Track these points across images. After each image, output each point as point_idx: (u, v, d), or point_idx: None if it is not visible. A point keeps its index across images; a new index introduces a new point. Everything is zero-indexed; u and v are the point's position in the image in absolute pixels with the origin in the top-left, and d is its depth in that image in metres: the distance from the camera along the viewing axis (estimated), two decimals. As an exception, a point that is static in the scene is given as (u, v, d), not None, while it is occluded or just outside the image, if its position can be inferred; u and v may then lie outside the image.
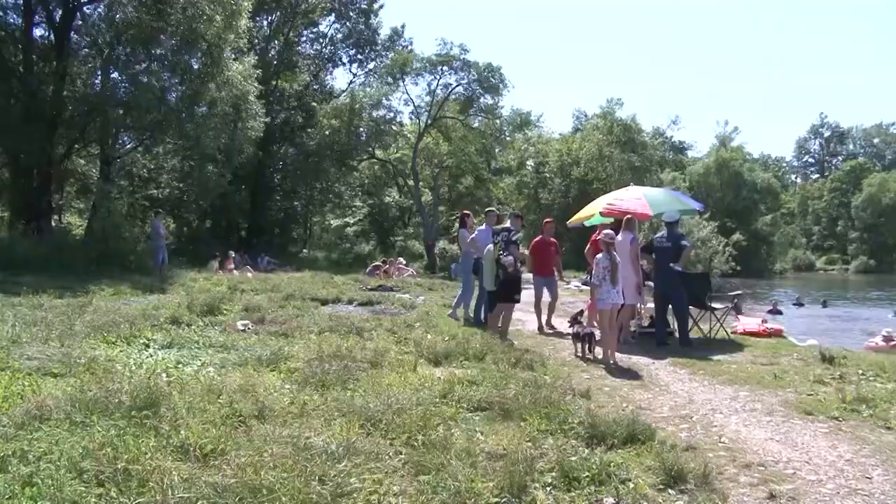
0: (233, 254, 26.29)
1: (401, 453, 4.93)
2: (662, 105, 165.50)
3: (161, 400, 5.56)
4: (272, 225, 38.69)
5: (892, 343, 16.09)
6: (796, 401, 7.58)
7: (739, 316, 16.30)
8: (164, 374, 6.73)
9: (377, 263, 28.67)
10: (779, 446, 5.94)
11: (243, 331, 10.31)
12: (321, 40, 40.09)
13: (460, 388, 6.87)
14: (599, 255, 10.18)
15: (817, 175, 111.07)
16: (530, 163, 54.48)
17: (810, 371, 9.20)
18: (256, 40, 34.26)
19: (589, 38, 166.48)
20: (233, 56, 24.94)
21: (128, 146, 27.95)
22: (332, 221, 48.16)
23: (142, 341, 8.96)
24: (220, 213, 34.16)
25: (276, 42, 37.34)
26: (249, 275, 22.91)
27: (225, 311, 12.11)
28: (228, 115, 25.39)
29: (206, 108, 24.09)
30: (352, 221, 47.13)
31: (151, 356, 8.08)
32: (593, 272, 10.50)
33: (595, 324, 10.74)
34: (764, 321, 15.63)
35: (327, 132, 36.62)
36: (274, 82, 36.06)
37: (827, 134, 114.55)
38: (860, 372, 9.16)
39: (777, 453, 5.75)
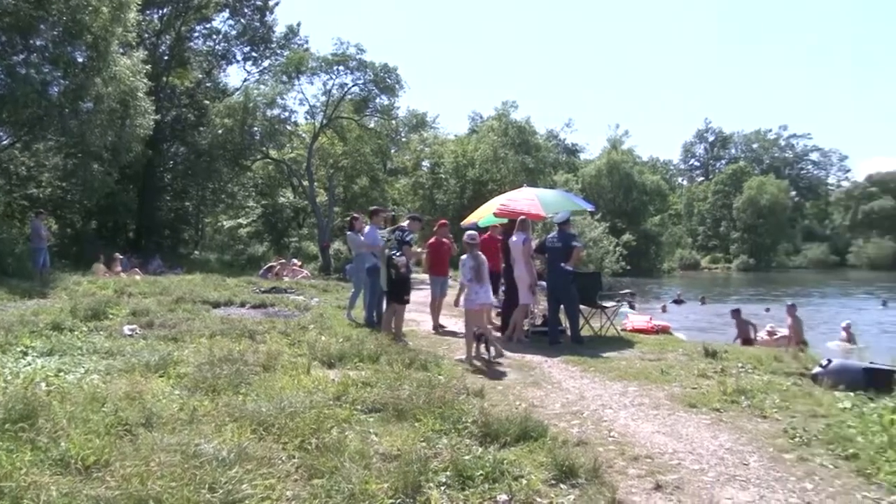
0: (120, 256, 25.33)
1: (294, 457, 4.86)
2: (556, 108, 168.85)
3: (39, 411, 5.27)
4: (162, 226, 37.53)
5: (776, 337, 16.88)
6: (681, 394, 7.87)
7: (629, 313, 16.80)
8: (43, 384, 6.42)
9: (271, 264, 28.19)
10: (665, 438, 6.14)
11: (130, 336, 9.96)
12: (214, 37, 39.11)
13: (354, 389, 6.83)
14: (464, 256, 10.30)
15: (702, 178, 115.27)
16: (426, 164, 54.72)
17: (694, 365, 9.56)
18: (146, 35, 33.13)
19: (485, 41, 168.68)
20: (121, 50, 24.00)
21: (4, 142, 26.52)
22: (224, 222, 47.12)
23: (19, 349, 8.45)
24: (106, 213, 32.86)
25: (167, 37, 36.18)
26: (138, 277, 22.15)
27: (111, 316, 11.66)
28: (116, 111, 24.35)
29: (91, 103, 23.03)
30: (245, 222, 46.21)
31: (30, 364, 7.64)
32: (460, 273, 10.61)
33: (491, 323, 10.87)
34: (651, 318, 16.13)
35: (220, 131, 35.71)
36: (165, 79, 34.96)
37: (711, 139, 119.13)
38: (740, 365, 9.58)
39: (663, 445, 5.94)
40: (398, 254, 10.75)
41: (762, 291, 46.92)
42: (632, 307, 16.31)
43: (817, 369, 9.20)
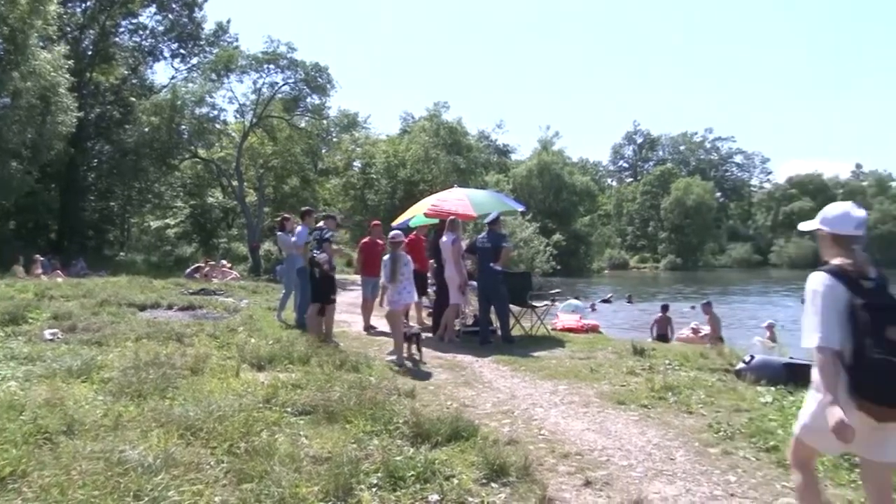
0: (40, 257, 24.54)
1: (222, 462, 4.77)
2: (488, 109, 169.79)
3: (-50, 421, 5.08)
4: (86, 226, 36.55)
5: (701, 335, 17.27)
6: (611, 392, 8.00)
7: (559, 313, 17.00)
8: (-45, 393, 6.19)
9: (197, 265, 27.66)
10: (594, 435, 6.23)
11: (51, 340, 9.63)
12: (141, 32, 38.28)
13: (284, 392, 6.76)
14: (386, 257, 10.32)
15: (631, 179, 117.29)
16: (357, 164, 54.37)
17: (623, 363, 9.71)
18: (68, 28, 32.25)
19: (417, 42, 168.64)
20: (41, 44, 23.30)
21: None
22: (151, 223, 46.04)
23: (-71, 357, 8.15)
24: (26, 213, 31.86)
25: (91, 32, 35.26)
26: (60, 280, 21.46)
27: (31, 320, 11.26)
28: (35, 107, 23.63)
29: (8, 99, 22.35)
30: (173, 223, 45.21)
31: (-58, 373, 7.38)
32: (382, 272, 10.61)
33: (422, 323, 10.86)
34: (581, 317, 16.35)
35: (146, 129, 34.88)
36: (88, 75, 34.06)
37: (639, 141, 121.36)
38: (667, 362, 9.78)
39: (593, 442, 6.03)
40: (319, 252, 10.69)
41: (688, 290, 48.03)
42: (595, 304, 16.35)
43: (741, 365, 9.46)
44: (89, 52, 34.83)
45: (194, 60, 39.61)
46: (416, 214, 13.99)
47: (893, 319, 3.39)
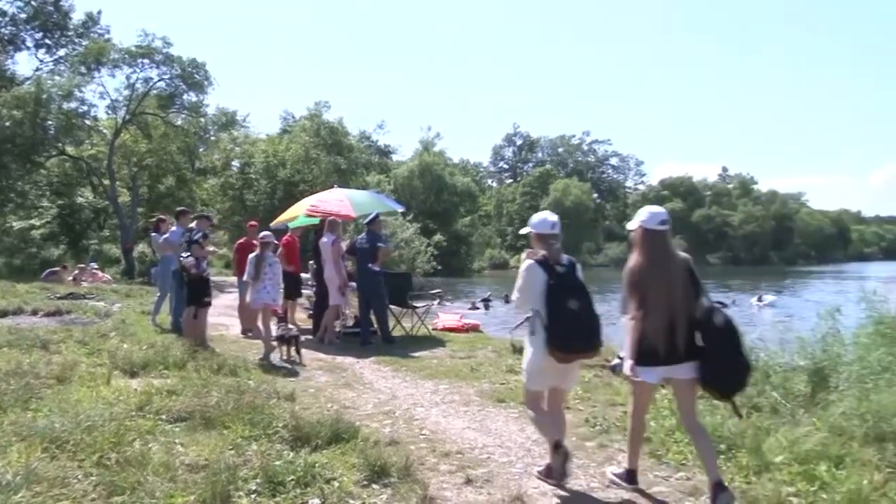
0: None
1: (91, 475, 4.57)
2: (369, 109, 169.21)
3: None
4: (-62, 228, 34.30)
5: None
6: (490, 390, 8.13)
7: (439, 313, 17.12)
8: None
9: (53, 269, 26.26)
10: (475, 434, 6.32)
11: None
12: (0, 19, 36.15)
13: (159, 398, 6.55)
14: (252, 255, 10.22)
15: (511, 180, 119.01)
16: (236, 163, 53.07)
17: (503, 362, 9.88)
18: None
19: (297, 40, 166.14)
20: None
21: None
22: (14, 224, 43.55)
23: None
24: None
25: (-59, 16, 33.10)
26: None
27: None
28: None
29: None
30: (38, 224, 42.90)
31: None
32: (246, 271, 10.50)
33: (296, 325, 10.77)
34: (462, 317, 16.51)
35: (8, 124, 32.88)
36: (-62, 63, 31.94)
37: (519, 142, 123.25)
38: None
39: (473, 440, 6.12)
40: (186, 255, 10.45)
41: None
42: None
43: (616, 361, 9.74)
44: (-59, 40, 32.70)
45: (61, 52, 37.60)
46: (296, 215, 13.83)
47: (572, 294, 4.94)
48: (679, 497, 4.87)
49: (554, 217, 5.33)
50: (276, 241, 10.47)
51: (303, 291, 14.97)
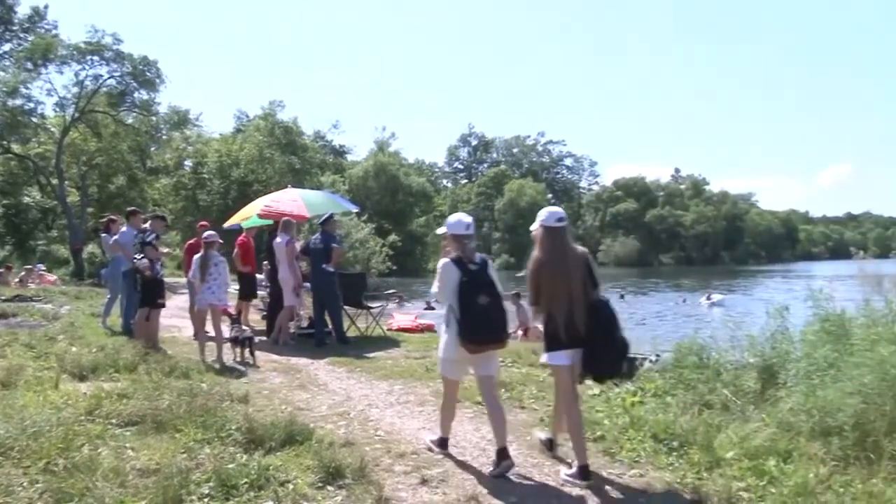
0: None
1: (38, 482, 4.47)
2: (324, 109, 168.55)
3: None
4: None
5: (535, 335, 17.72)
6: (446, 390, 8.13)
7: (394, 313, 17.09)
8: None
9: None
10: (430, 434, 6.31)
11: None
12: (-62, 12, 35.19)
13: (109, 402, 6.42)
14: (196, 256, 10.14)
15: (466, 180, 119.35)
16: (188, 163, 52.36)
17: (457, 362, 9.87)
18: None
19: (251, 38, 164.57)
20: None
21: None
22: (-44, 224, 42.62)
23: None
24: None
25: None
26: None
27: None
28: None
29: None
30: (-18, 224, 42.03)
31: None
32: (190, 270, 10.41)
33: (249, 325, 10.68)
34: (417, 317, 16.50)
35: (-51, 120, 32.19)
36: None
37: (474, 143, 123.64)
38: (500, 359, 10.02)
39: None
40: (140, 257, 10.31)
41: (521, 288, 49.49)
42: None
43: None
44: None
45: (6, 47, 36.67)
46: (250, 215, 13.70)
47: (483, 291, 5.31)
48: (633, 494, 4.92)
49: (468, 219, 5.67)
50: (220, 241, 10.31)
51: (257, 292, 14.83)
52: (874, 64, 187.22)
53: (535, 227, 5.47)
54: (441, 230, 5.72)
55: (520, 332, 18.03)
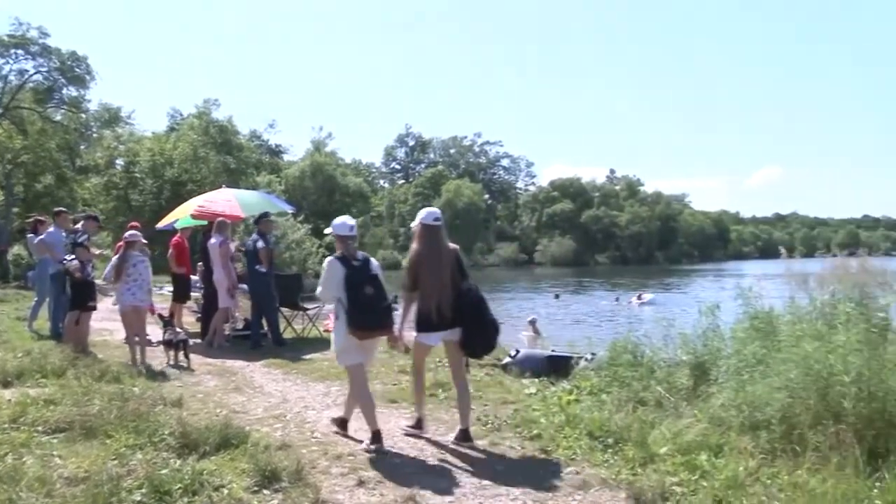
0: None
1: (-42, 493, 4.32)
2: (260, 108, 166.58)
3: None
4: None
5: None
6: (383, 391, 8.13)
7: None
8: None
9: None
10: (367, 435, 6.28)
11: None
12: None
13: (35, 409, 6.24)
14: (114, 256, 9.98)
15: (403, 180, 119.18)
16: (120, 162, 51.25)
17: (394, 362, 9.87)
18: None
19: (185, 35, 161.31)
20: None
21: None
22: None
23: None
24: None
25: None
26: None
27: None
28: None
29: None
30: None
31: None
32: (106, 270, 10.20)
33: (182, 328, 10.51)
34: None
35: None
36: None
37: (411, 143, 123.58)
38: (437, 360, 10.04)
39: (366, 441, 6.08)
40: (71, 258, 10.06)
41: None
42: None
43: (507, 360, 9.94)
44: None
45: (-78, 39, 35.41)
46: (183, 216, 13.47)
47: (368, 283, 5.88)
48: (569, 491, 4.97)
49: (352, 221, 6.29)
50: (142, 241, 10.09)
51: (192, 294, 14.58)
52: (804, 68, 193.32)
53: (415, 224, 6.24)
54: (328, 230, 6.27)
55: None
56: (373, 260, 6.24)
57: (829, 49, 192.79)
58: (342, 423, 6.41)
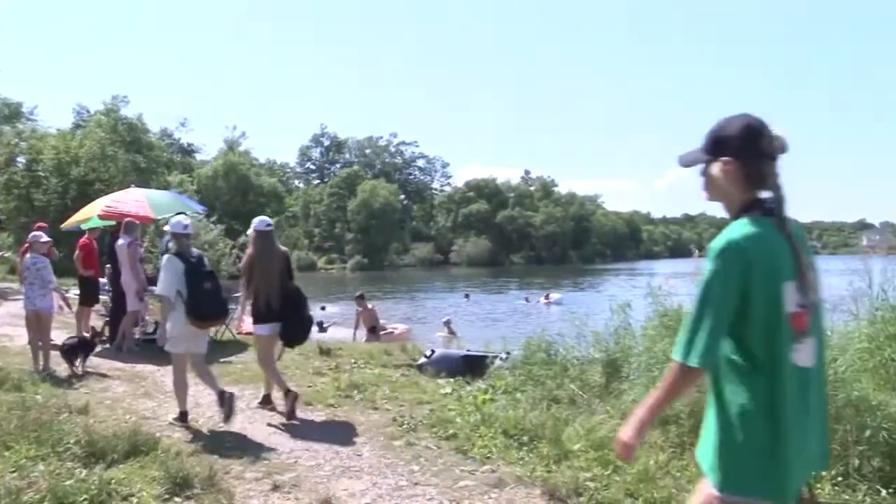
0: None
1: None
2: (171, 106, 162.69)
3: None
4: None
5: (384, 332, 17.80)
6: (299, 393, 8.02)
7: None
8: None
9: None
10: (282, 438, 6.26)
11: None
12: None
13: (-73, 420, 5.95)
14: (27, 256, 9.66)
15: (318, 181, 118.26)
16: (21, 160, 49.32)
17: (310, 364, 9.81)
18: None
19: (92, 28, 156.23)
20: None
21: None
22: None
23: None
24: None
25: None
26: None
27: None
28: None
29: None
30: None
31: None
32: (23, 274, 9.85)
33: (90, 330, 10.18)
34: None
35: None
36: None
37: (327, 143, 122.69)
38: (353, 361, 10.02)
39: (280, 445, 6.07)
40: None
41: (374, 289, 49.55)
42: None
43: (422, 360, 9.97)
44: None
45: None
46: (90, 216, 13.04)
47: (206, 278, 6.66)
48: (485, 489, 5.01)
49: (187, 220, 7.01)
50: (41, 241, 9.72)
51: (100, 297, 14.11)
52: (715, 73, 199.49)
53: (250, 231, 7.41)
54: (166, 227, 7.17)
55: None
56: (205, 257, 7.13)
57: (731, 50, 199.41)
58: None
